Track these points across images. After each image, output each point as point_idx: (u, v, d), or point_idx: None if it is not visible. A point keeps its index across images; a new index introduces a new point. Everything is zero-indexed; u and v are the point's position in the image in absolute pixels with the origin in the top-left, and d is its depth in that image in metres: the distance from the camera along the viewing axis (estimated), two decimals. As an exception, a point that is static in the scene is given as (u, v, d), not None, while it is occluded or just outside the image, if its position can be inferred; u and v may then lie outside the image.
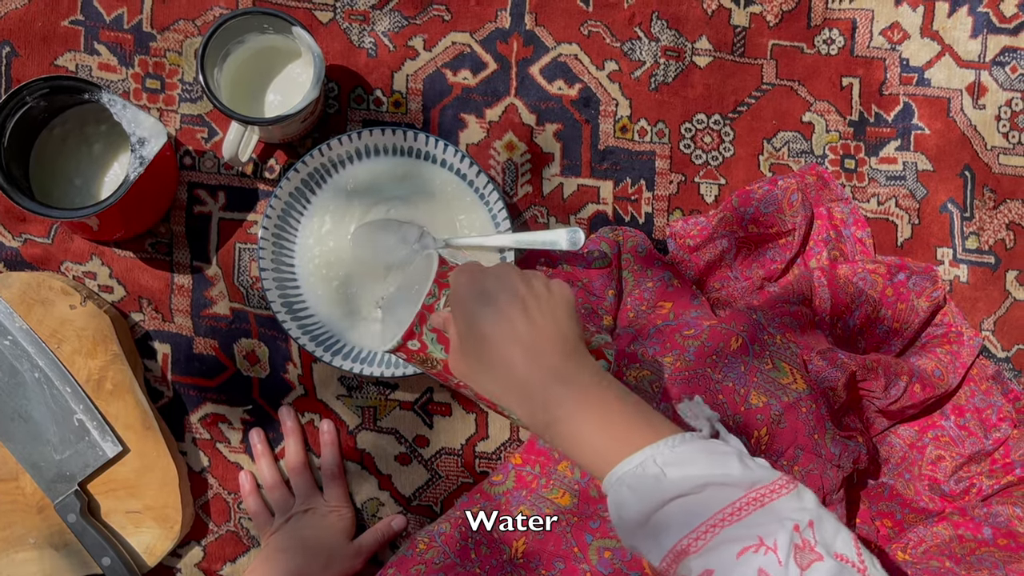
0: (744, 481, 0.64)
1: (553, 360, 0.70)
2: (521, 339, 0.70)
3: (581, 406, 0.68)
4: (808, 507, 0.63)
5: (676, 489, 0.64)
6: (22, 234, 1.01)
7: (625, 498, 0.66)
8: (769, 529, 0.61)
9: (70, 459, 0.96)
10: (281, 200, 0.97)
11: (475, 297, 0.71)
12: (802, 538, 0.61)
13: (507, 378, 0.70)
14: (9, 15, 1.01)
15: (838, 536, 0.62)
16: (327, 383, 1.02)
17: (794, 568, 0.60)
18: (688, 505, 0.64)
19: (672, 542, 0.64)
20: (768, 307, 0.95)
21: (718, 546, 0.62)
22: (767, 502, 0.63)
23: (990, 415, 1.01)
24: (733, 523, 0.63)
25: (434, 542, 0.88)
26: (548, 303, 0.72)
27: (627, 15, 1.06)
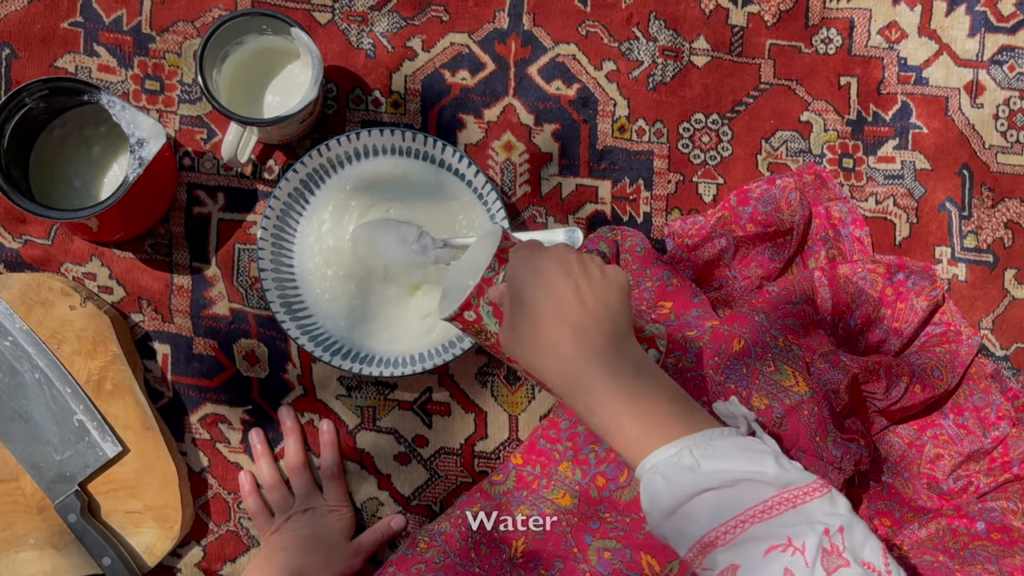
0: (778, 480, 0.65)
1: (600, 344, 0.70)
2: (570, 320, 0.70)
3: (622, 392, 0.69)
4: (840, 512, 0.64)
5: (709, 482, 0.65)
6: (22, 235, 1.01)
7: (658, 486, 0.66)
8: (799, 530, 0.62)
9: (70, 459, 0.96)
10: (280, 201, 0.97)
11: (530, 274, 0.72)
12: (831, 543, 0.62)
13: (553, 357, 0.71)
14: (9, 17, 1.01)
15: (867, 544, 0.62)
16: (326, 383, 1.02)
17: (820, 571, 0.60)
18: (720, 498, 0.65)
19: (700, 533, 0.65)
20: (770, 308, 0.95)
21: (746, 542, 0.63)
22: (799, 504, 0.64)
23: (989, 414, 1.01)
24: (763, 520, 0.63)
25: (434, 541, 0.88)
26: (601, 286, 0.73)
27: (625, 15, 1.06)
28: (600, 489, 0.88)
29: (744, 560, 0.63)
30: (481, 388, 1.03)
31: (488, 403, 1.03)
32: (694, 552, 0.66)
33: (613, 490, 0.88)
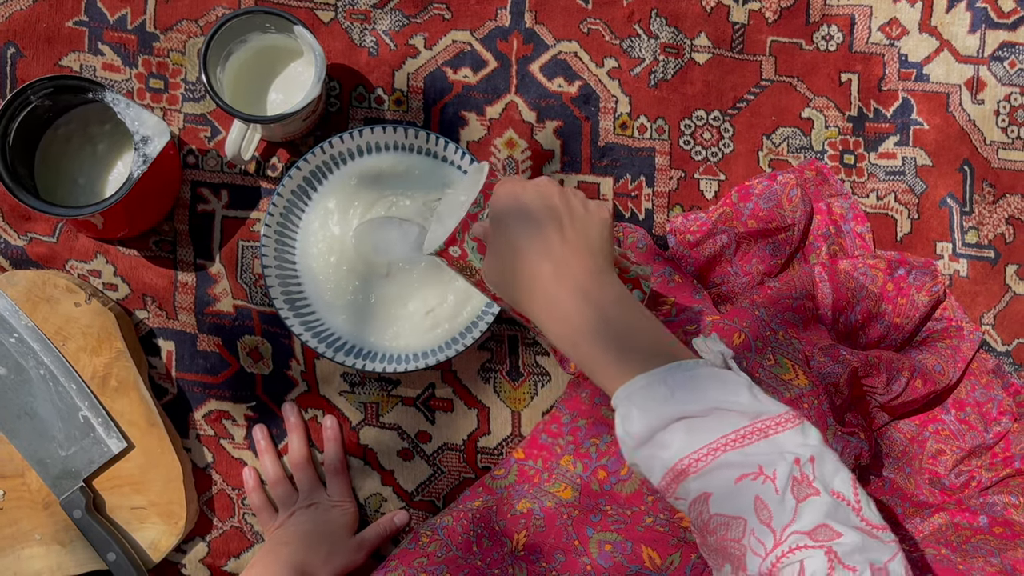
0: (750, 410, 0.65)
1: (580, 277, 0.71)
2: (552, 254, 0.71)
3: (601, 324, 0.70)
4: (811, 443, 0.64)
5: (682, 410, 0.66)
6: (27, 233, 1.02)
7: (632, 414, 0.67)
8: (770, 459, 0.63)
9: (75, 456, 0.97)
10: (283, 198, 0.98)
11: (512, 209, 0.72)
12: (801, 472, 0.62)
13: (534, 291, 0.71)
14: (14, 16, 1.02)
15: (837, 475, 0.63)
16: (330, 379, 1.03)
17: (790, 499, 0.61)
18: (692, 426, 0.65)
19: (673, 460, 0.65)
20: (770, 303, 0.95)
21: (717, 469, 0.63)
22: (771, 434, 0.64)
23: (990, 409, 1.01)
24: (735, 449, 0.64)
25: (437, 535, 0.89)
26: (583, 221, 0.73)
27: (626, 12, 1.06)
28: (601, 482, 0.88)
29: (715, 488, 0.63)
30: (484, 384, 1.03)
31: (491, 399, 1.03)
32: (667, 480, 0.66)
33: (614, 483, 0.88)
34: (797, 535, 0.60)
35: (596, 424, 0.91)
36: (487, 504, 0.91)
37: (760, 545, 0.61)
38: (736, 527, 0.62)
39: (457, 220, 0.75)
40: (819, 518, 0.61)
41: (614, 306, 0.71)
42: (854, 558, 0.60)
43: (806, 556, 0.60)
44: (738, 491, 0.62)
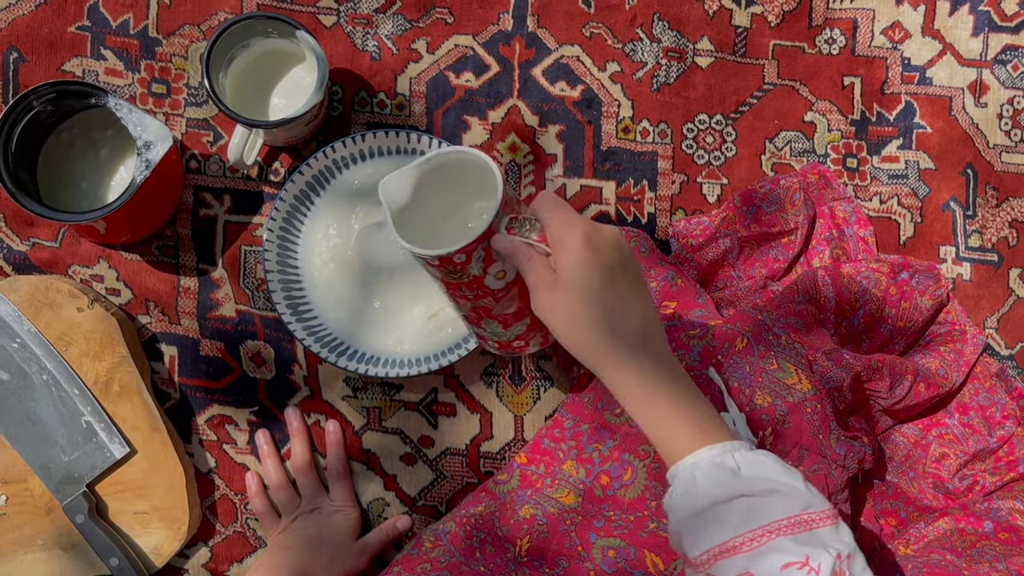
0: (804, 499, 0.67)
1: (660, 344, 0.73)
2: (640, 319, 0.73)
3: (675, 391, 0.72)
4: (846, 541, 0.66)
5: (747, 487, 0.67)
6: (30, 238, 1.02)
7: (698, 483, 0.68)
8: (816, 551, 0.64)
9: (78, 461, 0.97)
10: (286, 203, 0.98)
11: (589, 261, 0.71)
12: (840, 567, 0.64)
13: (620, 347, 0.72)
14: (16, 21, 1.02)
15: (865, 573, 0.65)
16: (332, 384, 1.02)
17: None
18: (752, 506, 0.66)
19: (727, 537, 0.66)
20: (773, 307, 0.95)
21: (767, 553, 0.65)
22: (815, 527, 0.66)
23: (994, 413, 1.01)
24: (787, 535, 0.65)
25: (440, 541, 0.89)
26: (644, 285, 0.75)
27: (628, 16, 1.06)
28: (604, 488, 0.88)
29: (760, 570, 0.64)
30: (486, 389, 1.03)
31: (493, 404, 1.03)
32: (710, 555, 0.67)
33: (617, 488, 0.88)
34: None
35: (598, 429, 0.91)
36: (490, 509, 0.91)
37: None
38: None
39: (480, 231, 0.73)
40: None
41: (683, 377, 0.73)
42: None
43: None
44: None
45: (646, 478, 0.88)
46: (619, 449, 0.89)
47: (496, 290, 0.79)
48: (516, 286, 0.79)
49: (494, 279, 0.77)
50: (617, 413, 0.90)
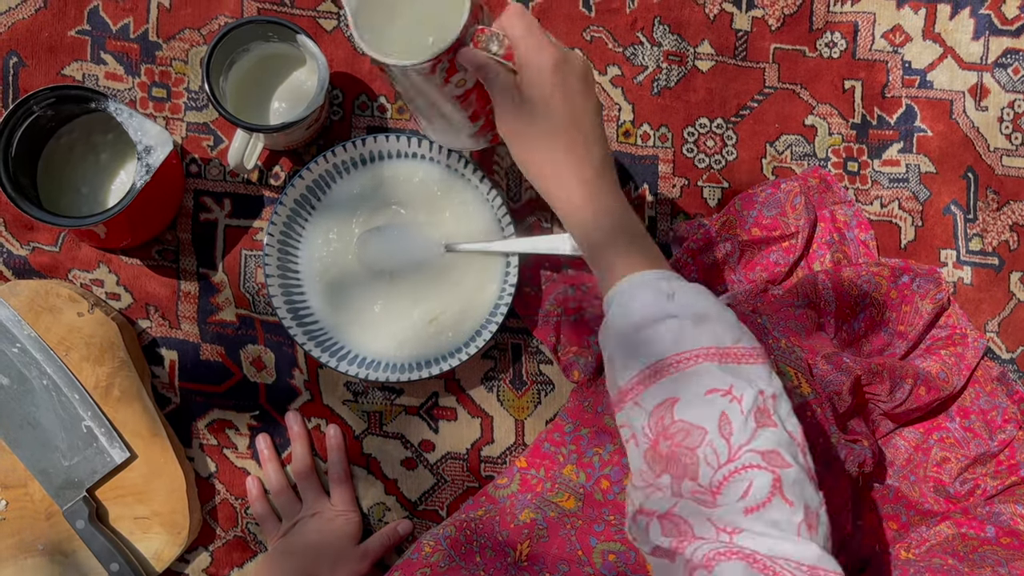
0: (735, 332, 0.70)
1: (607, 172, 0.77)
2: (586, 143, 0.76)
3: (619, 217, 0.76)
4: (774, 383, 0.69)
5: (680, 310, 0.70)
6: (30, 242, 1.02)
7: (633, 301, 0.72)
8: (740, 384, 0.67)
9: (78, 465, 0.97)
10: (286, 207, 0.98)
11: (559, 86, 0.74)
12: (764, 404, 0.67)
13: (560, 168, 0.76)
14: (16, 25, 1.02)
15: (791, 418, 0.68)
16: (333, 388, 1.02)
17: (752, 423, 0.66)
18: (684, 329, 0.69)
19: (657, 356, 0.69)
20: (772, 311, 0.95)
21: (694, 376, 0.67)
22: (744, 362, 0.69)
23: (995, 417, 1.01)
24: (715, 361, 0.68)
25: (439, 545, 0.89)
26: (600, 111, 0.78)
27: (629, 20, 1.06)
28: (604, 492, 0.88)
29: (685, 394, 0.67)
30: (487, 393, 1.03)
31: (494, 408, 1.03)
32: (643, 376, 0.69)
33: (617, 492, 0.88)
34: (752, 454, 0.65)
35: (599, 433, 0.91)
36: (490, 514, 0.91)
37: (715, 456, 0.65)
38: (695, 435, 0.66)
39: (448, 43, 0.74)
40: (773, 445, 0.65)
41: (627, 206, 0.77)
42: (794, 491, 0.64)
43: (755, 476, 0.64)
44: (707, 402, 0.66)
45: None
46: (619, 453, 0.89)
47: (455, 96, 0.80)
48: (474, 92, 0.81)
49: (454, 87, 0.79)
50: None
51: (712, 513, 0.64)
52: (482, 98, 0.81)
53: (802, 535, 0.64)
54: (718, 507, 0.64)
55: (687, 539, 0.64)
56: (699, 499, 0.65)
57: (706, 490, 0.65)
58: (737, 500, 0.64)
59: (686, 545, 0.64)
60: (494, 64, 0.75)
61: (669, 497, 0.67)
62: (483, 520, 0.90)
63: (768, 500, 0.64)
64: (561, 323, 1.00)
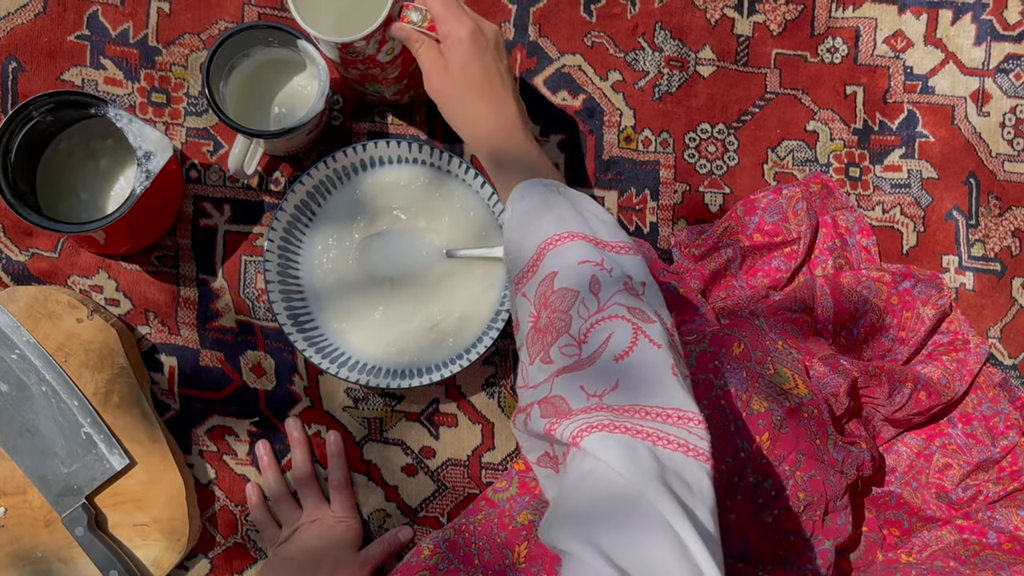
0: (612, 229, 0.79)
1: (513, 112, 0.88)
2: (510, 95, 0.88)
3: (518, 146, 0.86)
4: (646, 276, 0.76)
5: (563, 202, 0.79)
6: (29, 248, 1.01)
7: (520, 199, 0.81)
8: (610, 261, 0.75)
9: (77, 472, 0.96)
10: (286, 212, 0.97)
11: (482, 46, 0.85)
12: (631, 284, 0.74)
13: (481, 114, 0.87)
14: (15, 31, 1.02)
15: (662, 308, 0.74)
16: (333, 395, 1.02)
17: (619, 285, 0.73)
18: (564, 216, 0.78)
19: (539, 242, 0.77)
20: (770, 313, 0.95)
21: (570, 250, 0.75)
22: (621, 252, 0.76)
23: (997, 423, 1.01)
24: (590, 242, 0.75)
25: (438, 548, 0.89)
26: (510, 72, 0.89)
27: (630, 25, 1.06)
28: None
29: (563, 266, 0.74)
30: (488, 399, 1.03)
31: (495, 414, 1.03)
32: (533, 259, 0.77)
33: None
34: (618, 306, 0.71)
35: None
36: (488, 517, 0.90)
37: (585, 309, 0.72)
38: (570, 298, 0.73)
39: (379, 21, 0.86)
40: (639, 306, 0.72)
41: (535, 145, 0.87)
42: (661, 339, 0.70)
43: (617, 327, 0.70)
44: (580, 271, 0.73)
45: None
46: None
47: (384, 63, 0.93)
48: (400, 57, 0.93)
49: (384, 55, 0.91)
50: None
51: (582, 377, 0.69)
52: (406, 62, 0.95)
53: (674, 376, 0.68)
54: (586, 365, 0.69)
55: (562, 416, 0.67)
56: (568, 358, 0.70)
57: (575, 342, 0.71)
58: (601, 347, 0.69)
59: (557, 426, 0.66)
60: (418, 34, 0.87)
61: (544, 383, 0.71)
62: (482, 523, 0.90)
63: (633, 345, 0.69)
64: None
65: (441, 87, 0.87)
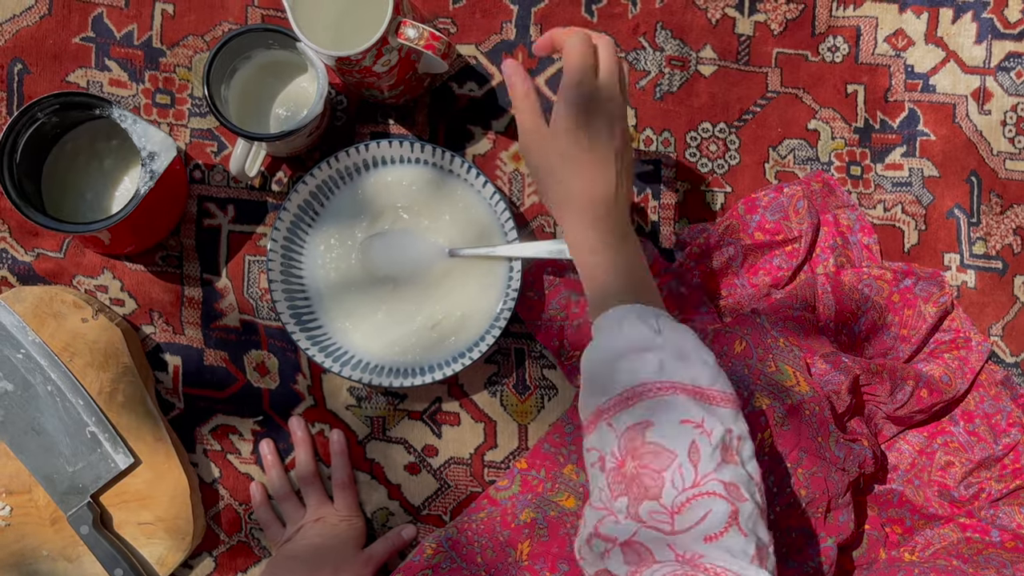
0: (712, 374, 0.74)
1: (621, 208, 0.82)
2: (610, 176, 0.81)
3: (623, 255, 0.80)
4: (741, 427, 0.73)
5: (664, 343, 0.74)
6: (34, 248, 1.02)
7: (622, 329, 0.75)
8: (711, 420, 0.70)
9: (83, 471, 0.97)
10: (290, 212, 0.98)
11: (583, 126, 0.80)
12: (730, 442, 0.71)
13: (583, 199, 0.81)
14: (21, 33, 1.02)
15: (752, 461, 0.72)
16: (336, 394, 1.02)
17: (718, 456, 0.69)
18: (665, 362, 0.73)
19: (634, 382, 0.72)
20: (771, 311, 0.95)
21: (669, 404, 0.70)
22: (717, 404, 0.72)
23: (999, 420, 1.01)
24: (691, 396, 0.71)
25: (441, 547, 0.89)
26: (629, 147, 0.84)
27: (631, 25, 1.06)
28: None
29: (660, 420, 0.70)
30: (491, 398, 1.03)
31: (497, 413, 1.03)
32: (621, 398, 0.72)
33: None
34: (716, 482, 0.68)
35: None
36: (491, 516, 0.91)
37: (680, 480, 0.68)
38: (665, 458, 0.69)
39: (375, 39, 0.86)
40: (735, 479, 0.69)
41: (635, 244, 0.82)
42: (748, 524, 0.68)
43: (715, 504, 0.67)
44: (680, 430, 0.69)
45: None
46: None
47: (380, 73, 0.92)
48: (396, 68, 0.93)
49: (381, 66, 0.91)
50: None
51: (672, 539, 0.67)
52: (402, 71, 0.94)
53: (754, 565, 0.67)
54: (677, 533, 0.67)
55: (646, 563, 0.67)
56: (658, 522, 0.68)
57: (667, 511, 0.67)
58: (695, 524, 0.67)
59: (643, 570, 0.66)
60: (522, 82, 0.83)
61: (627, 523, 0.69)
62: (484, 521, 0.91)
63: (726, 529, 0.67)
64: (564, 328, 1.00)
65: (536, 149, 0.83)
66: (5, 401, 0.97)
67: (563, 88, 0.80)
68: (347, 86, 1.03)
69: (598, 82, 0.81)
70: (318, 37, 0.90)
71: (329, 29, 0.95)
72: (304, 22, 0.89)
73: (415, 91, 1.03)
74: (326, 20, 0.95)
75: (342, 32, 0.96)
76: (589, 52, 0.81)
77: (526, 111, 0.82)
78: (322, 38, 0.90)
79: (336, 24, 0.96)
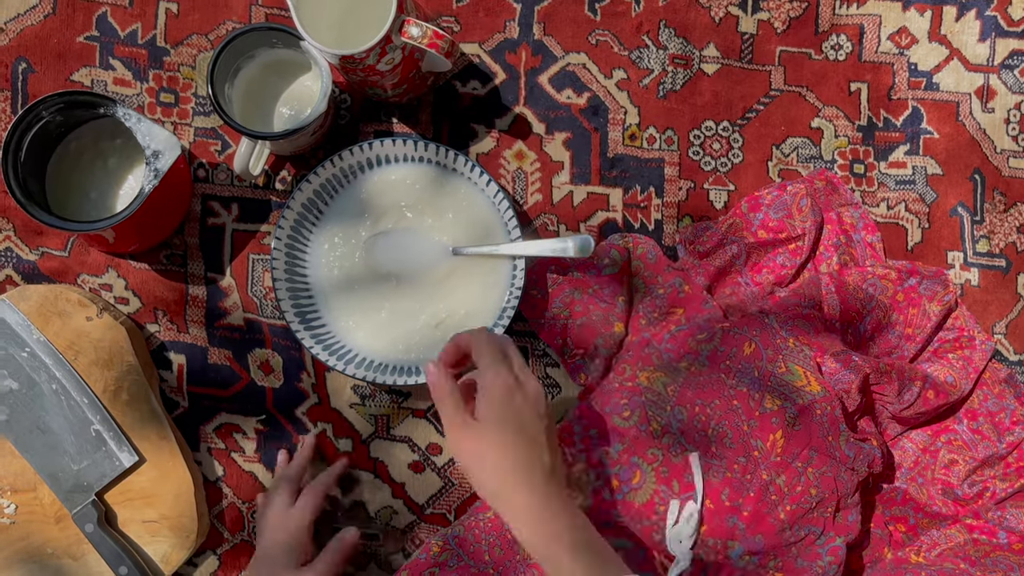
0: None
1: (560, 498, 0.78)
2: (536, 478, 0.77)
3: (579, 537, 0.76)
4: None
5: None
6: (39, 247, 1.02)
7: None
8: None
9: (87, 469, 0.97)
10: (293, 211, 0.98)
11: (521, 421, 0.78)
12: None
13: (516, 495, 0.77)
14: (25, 32, 1.03)
15: None
16: (340, 392, 1.03)
17: None
18: None
19: None
20: (780, 310, 0.95)
21: None
22: None
23: (1003, 419, 1.01)
24: None
25: (448, 545, 0.89)
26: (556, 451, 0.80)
27: (635, 23, 1.07)
28: (613, 490, 0.88)
29: None
30: (494, 396, 1.03)
31: (501, 411, 1.03)
32: None
33: (626, 492, 0.88)
34: None
35: (607, 433, 0.91)
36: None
37: None
38: None
39: (377, 39, 0.87)
40: None
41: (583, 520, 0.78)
42: None
43: None
44: None
45: (655, 481, 0.88)
46: (628, 452, 0.89)
47: (384, 71, 0.93)
48: (400, 66, 0.94)
49: (384, 64, 0.91)
50: (625, 416, 0.90)
51: None
52: (406, 70, 0.95)
53: None
54: None
55: None
56: None
57: None
58: None
59: None
60: (443, 381, 0.80)
61: None
62: (491, 519, 0.91)
63: None
64: (567, 326, 1.00)
65: (460, 443, 0.79)
66: (10, 400, 0.97)
67: (482, 382, 0.79)
68: (351, 85, 1.03)
69: (513, 367, 0.80)
70: (322, 36, 0.90)
71: (333, 28, 0.96)
72: (308, 21, 0.90)
73: (419, 90, 1.03)
74: (330, 19, 0.95)
75: (346, 31, 0.96)
76: (495, 342, 0.81)
77: (450, 408, 0.79)
78: (326, 37, 0.91)
79: (340, 23, 0.96)
